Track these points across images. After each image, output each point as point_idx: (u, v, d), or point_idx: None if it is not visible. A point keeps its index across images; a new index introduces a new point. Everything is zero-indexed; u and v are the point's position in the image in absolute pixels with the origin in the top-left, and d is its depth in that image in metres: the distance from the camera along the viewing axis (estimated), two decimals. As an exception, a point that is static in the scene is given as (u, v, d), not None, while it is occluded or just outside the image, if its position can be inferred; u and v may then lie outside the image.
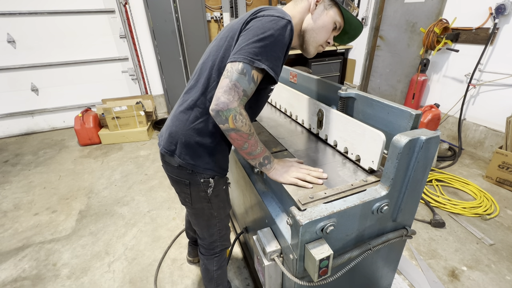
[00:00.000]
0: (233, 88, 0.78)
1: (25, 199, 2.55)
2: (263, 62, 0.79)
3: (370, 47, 4.28)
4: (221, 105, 0.78)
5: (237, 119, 0.80)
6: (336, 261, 0.85)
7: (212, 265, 1.29)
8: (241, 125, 0.81)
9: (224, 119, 0.79)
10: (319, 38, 0.98)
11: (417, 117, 0.91)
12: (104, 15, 3.86)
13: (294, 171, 0.95)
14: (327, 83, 1.33)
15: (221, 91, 0.78)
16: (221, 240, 1.26)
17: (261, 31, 0.79)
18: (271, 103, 1.83)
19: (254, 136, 0.87)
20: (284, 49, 0.84)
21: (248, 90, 0.81)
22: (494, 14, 2.57)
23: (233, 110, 0.79)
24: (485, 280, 1.64)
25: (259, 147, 0.90)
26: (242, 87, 0.79)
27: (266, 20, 0.81)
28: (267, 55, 0.80)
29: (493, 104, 2.84)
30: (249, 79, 0.80)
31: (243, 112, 0.82)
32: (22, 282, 1.75)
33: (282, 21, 0.81)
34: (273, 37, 0.79)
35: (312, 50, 1.01)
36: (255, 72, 0.80)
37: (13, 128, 4.02)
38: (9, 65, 3.69)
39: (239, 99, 0.79)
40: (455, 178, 2.55)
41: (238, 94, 0.79)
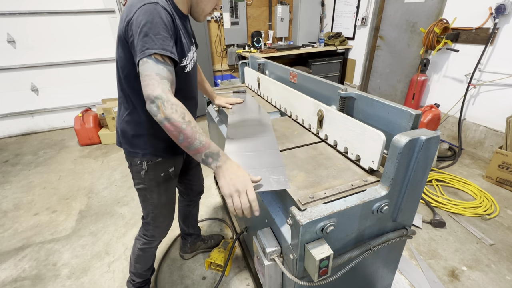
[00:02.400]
0: (147, 78, 0.81)
1: (25, 199, 2.55)
2: (153, 48, 0.82)
3: (370, 47, 4.28)
4: (148, 99, 0.81)
5: (165, 106, 0.79)
6: (336, 261, 0.85)
7: (139, 243, 1.37)
8: (171, 112, 0.80)
9: (156, 110, 0.80)
10: (207, 7, 1.04)
11: (417, 117, 0.91)
12: (104, 15, 3.86)
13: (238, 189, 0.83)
14: (327, 83, 1.33)
15: (144, 89, 0.82)
16: (154, 226, 1.32)
17: (138, 25, 0.83)
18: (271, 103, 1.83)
19: (190, 125, 0.82)
20: (166, 26, 0.85)
21: (161, 72, 0.83)
22: (494, 14, 2.57)
23: (159, 98, 0.79)
24: (485, 280, 1.64)
25: (198, 140, 0.82)
26: (153, 72, 0.81)
27: (137, 15, 0.84)
28: (153, 40, 0.82)
29: (493, 104, 2.84)
30: (154, 63, 0.82)
31: (171, 98, 0.81)
32: (22, 282, 1.75)
33: (149, 7, 0.84)
34: (149, 24, 0.83)
35: (202, 19, 1.08)
36: (157, 56, 0.83)
37: (13, 128, 4.02)
38: (9, 65, 3.69)
39: (159, 84, 0.81)
40: (455, 178, 2.55)
41: (155, 79, 0.81)
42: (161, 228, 1.35)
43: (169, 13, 0.88)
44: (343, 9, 4.56)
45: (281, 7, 4.63)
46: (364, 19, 4.17)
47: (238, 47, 4.65)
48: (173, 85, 0.87)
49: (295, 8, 4.73)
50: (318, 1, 4.75)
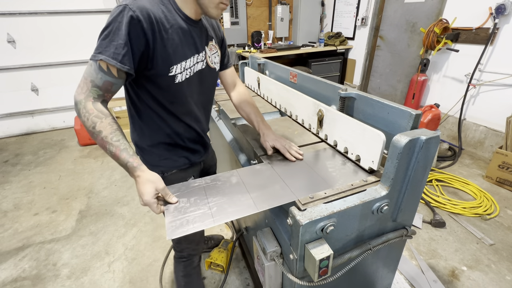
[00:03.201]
0: (82, 81, 0.81)
1: (25, 199, 2.55)
2: (103, 53, 0.78)
3: (370, 47, 4.28)
4: (74, 99, 0.82)
5: (81, 113, 0.80)
6: (336, 261, 0.85)
7: (179, 270, 1.26)
8: (84, 120, 0.80)
9: (77, 112, 0.81)
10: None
11: (417, 117, 0.91)
12: (104, 15, 3.86)
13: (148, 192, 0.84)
14: (327, 83, 1.33)
15: (76, 89, 0.82)
16: (187, 243, 1.20)
17: (103, 27, 0.80)
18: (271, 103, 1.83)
19: (100, 135, 0.81)
20: (125, 34, 0.78)
21: (97, 80, 0.80)
22: (494, 14, 2.57)
23: (79, 103, 0.80)
24: (485, 280, 1.64)
25: (109, 150, 0.82)
26: (90, 77, 0.80)
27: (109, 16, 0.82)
28: (106, 46, 0.79)
29: (493, 104, 2.84)
30: (96, 69, 0.79)
31: (88, 105, 0.80)
32: (22, 282, 1.75)
33: (118, 9, 0.79)
34: (109, 27, 0.79)
35: (214, 12, 0.92)
36: (102, 63, 0.79)
37: (13, 128, 4.02)
38: (9, 65, 3.69)
39: (87, 91, 0.80)
40: (455, 178, 2.55)
41: (87, 85, 0.80)
42: (195, 242, 1.25)
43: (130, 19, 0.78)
44: (343, 9, 4.56)
45: (281, 7, 4.63)
46: (364, 19, 4.17)
47: (238, 47, 4.65)
48: (108, 95, 0.85)
49: (295, 8, 4.73)
50: (318, 1, 4.75)
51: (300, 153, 1.13)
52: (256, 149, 1.22)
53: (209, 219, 0.83)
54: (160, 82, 0.91)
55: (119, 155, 0.83)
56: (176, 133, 1.04)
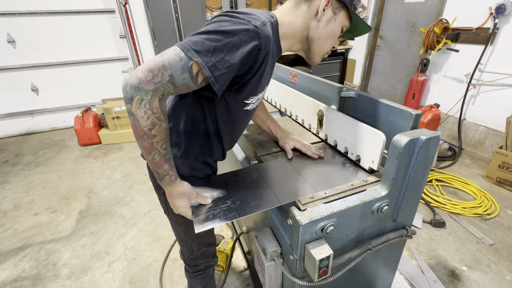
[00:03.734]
0: (159, 66, 0.64)
1: (25, 199, 2.55)
2: (202, 56, 0.64)
3: (370, 47, 4.28)
4: (133, 79, 0.63)
5: (141, 106, 0.64)
6: (336, 261, 0.85)
7: (196, 283, 1.22)
8: (142, 115, 0.65)
9: (129, 98, 0.64)
10: (326, 47, 0.90)
11: (417, 117, 0.91)
12: (104, 15, 3.86)
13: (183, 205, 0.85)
14: (327, 83, 1.33)
15: (144, 66, 0.64)
16: (203, 257, 1.17)
17: (215, 26, 0.68)
18: (271, 103, 1.83)
19: (152, 139, 0.70)
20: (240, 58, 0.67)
21: (178, 79, 0.66)
22: (494, 14, 2.57)
23: (143, 92, 0.63)
24: (485, 280, 1.64)
25: (151, 156, 0.74)
26: (171, 70, 0.64)
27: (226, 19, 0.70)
28: (212, 52, 0.65)
29: (493, 104, 2.84)
30: (184, 67, 0.65)
31: (154, 102, 0.65)
32: (22, 282, 1.75)
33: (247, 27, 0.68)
34: (226, 38, 0.65)
35: (318, 60, 0.93)
36: (194, 64, 0.65)
37: (13, 128, 4.02)
38: (9, 65, 3.69)
39: (159, 83, 0.64)
40: (455, 178, 2.55)
41: (162, 77, 0.64)
42: (211, 256, 1.21)
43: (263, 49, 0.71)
44: (343, 9, 4.56)
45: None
46: (364, 19, 4.17)
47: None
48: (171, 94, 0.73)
49: (295, 8, 4.72)
50: (318, 1, 4.75)
51: (321, 152, 1.15)
52: (256, 149, 1.22)
53: (233, 212, 0.83)
54: (233, 105, 0.86)
55: (162, 165, 0.76)
56: (210, 152, 0.97)
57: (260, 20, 0.72)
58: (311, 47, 0.88)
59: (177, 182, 0.83)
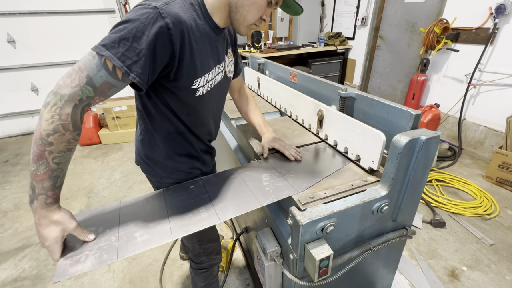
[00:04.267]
0: (76, 70, 0.63)
1: (25, 199, 2.55)
2: (110, 49, 0.64)
3: (370, 47, 4.28)
4: (54, 86, 0.63)
5: (51, 109, 0.61)
6: (336, 261, 0.85)
7: (200, 281, 1.22)
8: (47, 118, 0.62)
9: (47, 102, 0.62)
10: (250, 17, 0.82)
11: (417, 117, 0.91)
12: (104, 15, 3.86)
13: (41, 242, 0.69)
14: (327, 83, 1.33)
15: (64, 73, 0.64)
16: (206, 254, 1.17)
17: (121, 19, 0.67)
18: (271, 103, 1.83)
19: (44, 146, 0.63)
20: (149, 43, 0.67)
21: (95, 78, 0.64)
22: (494, 14, 2.57)
23: (58, 97, 0.61)
24: (485, 280, 1.64)
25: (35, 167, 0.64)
26: (87, 71, 0.64)
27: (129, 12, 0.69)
28: (118, 43, 0.64)
29: (493, 104, 2.84)
30: (98, 64, 0.64)
31: (65, 109, 0.62)
32: (22, 282, 1.75)
33: (147, 10, 0.67)
34: (131, 27, 0.65)
35: (244, 30, 0.86)
36: (106, 59, 0.64)
37: (13, 128, 4.02)
38: (9, 65, 3.69)
39: (77, 87, 0.63)
40: (455, 178, 2.55)
41: (79, 80, 0.63)
42: (214, 253, 1.21)
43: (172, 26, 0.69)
44: (343, 9, 4.56)
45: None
46: (364, 19, 4.16)
47: (238, 47, 4.64)
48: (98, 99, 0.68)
49: (295, 8, 4.73)
50: (318, 1, 4.75)
51: (299, 154, 1.12)
52: (256, 149, 1.22)
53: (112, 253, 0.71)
54: (181, 94, 0.84)
55: (42, 181, 0.65)
56: (190, 144, 0.98)
57: (162, 0, 0.71)
58: (234, 16, 0.83)
59: (53, 207, 0.70)
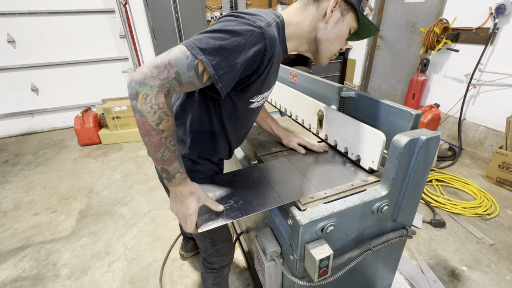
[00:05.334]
0: (165, 63, 0.64)
1: (25, 199, 2.55)
2: (207, 54, 0.65)
3: (370, 47, 4.28)
4: (138, 75, 0.63)
5: (147, 101, 0.64)
6: (336, 261, 0.85)
7: (210, 279, 1.25)
8: (148, 110, 0.64)
9: (134, 93, 0.64)
10: (334, 48, 0.89)
11: (417, 117, 0.91)
12: (104, 15, 3.86)
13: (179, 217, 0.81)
14: (327, 83, 1.33)
15: (150, 62, 0.65)
16: (218, 255, 1.18)
17: (221, 25, 0.68)
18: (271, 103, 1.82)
19: (160, 135, 0.68)
20: (245, 59, 0.68)
21: (184, 77, 0.66)
22: (494, 14, 2.57)
23: (148, 88, 0.63)
24: (485, 280, 1.64)
25: (161, 153, 0.71)
26: (178, 68, 0.65)
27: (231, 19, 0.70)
28: (216, 51, 0.65)
29: (493, 104, 2.84)
30: (190, 65, 0.65)
31: (160, 97, 0.65)
32: (22, 282, 1.75)
33: (252, 28, 0.68)
34: (231, 37, 0.66)
35: (325, 61, 0.92)
36: (200, 62, 0.66)
37: (13, 128, 4.02)
38: (9, 65, 3.69)
39: (166, 79, 0.64)
40: (455, 178, 2.55)
41: (168, 74, 0.64)
42: (226, 254, 1.21)
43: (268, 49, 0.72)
44: (343, 9, 4.56)
45: (281, 7, 4.63)
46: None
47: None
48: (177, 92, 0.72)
49: (295, 8, 4.73)
50: (318, 1, 4.75)
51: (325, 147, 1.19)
52: (256, 149, 1.22)
53: (236, 211, 0.83)
54: (238, 103, 0.86)
55: (172, 162, 0.73)
56: (215, 150, 0.98)
57: (265, 21, 0.73)
58: (319, 48, 0.88)
59: (187, 180, 0.79)
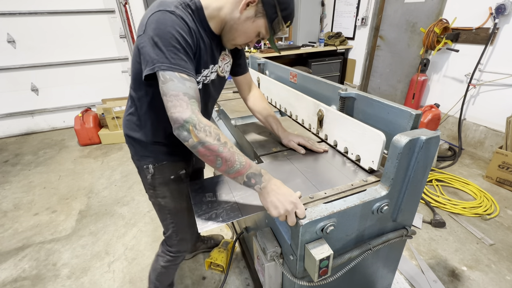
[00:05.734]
0: (173, 99, 0.73)
1: (25, 199, 2.55)
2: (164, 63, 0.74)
3: (370, 47, 4.28)
4: (176, 122, 0.73)
5: (197, 128, 0.72)
6: (336, 261, 0.85)
7: (161, 260, 1.28)
8: (204, 135, 0.72)
9: (187, 135, 0.73)
10: (239, 40, 0.93)
11: (417, 117, 0.91)
12: (104, 15, 3.86)
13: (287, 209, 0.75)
14: (327, 83, 1.33)
15: (170, 110, 0.74)
16: (178, 239, 1.21)
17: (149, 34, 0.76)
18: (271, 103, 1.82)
19: (227, 147, 0.74)
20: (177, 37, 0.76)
21: (190, 91, 0.75)
22: (494, 14, 2.57)
23: (190, 120, 0.72)
24: (485, 280, 1.64)
25: (238, 161, 0.75)
26: (181, 91, 0.74)
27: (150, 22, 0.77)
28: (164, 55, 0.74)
29: (493, 104, 2.84)
30: (179, 80, 0.75)
31: (202, 119, 0.74)
32: (22, 282, 1.75)
33: (163, 14, 0.76)
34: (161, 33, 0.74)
35: (228, 46, 0.97)
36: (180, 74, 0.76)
37: (13, 128, 4.02)
38: (9, 65, 3.69)
39: (188, 106, 0.73)
40: (455, 178, 2.55)
41: (183, 101, 0.73)
42: (185, 241, 1.25)
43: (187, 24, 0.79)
44: (343, 9, 4.56)
45: None
46: (364, 19, 4.16)
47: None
48: (200, 104, 0.79)
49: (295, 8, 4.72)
50: (318, 1, 4.75)
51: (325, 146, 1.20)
52: (256, 149, 1.22)
53: (236, 212, 0.83)
54: None
55: (251, 165, 0.76)
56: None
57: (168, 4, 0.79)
58: (225, 33, 0.92)
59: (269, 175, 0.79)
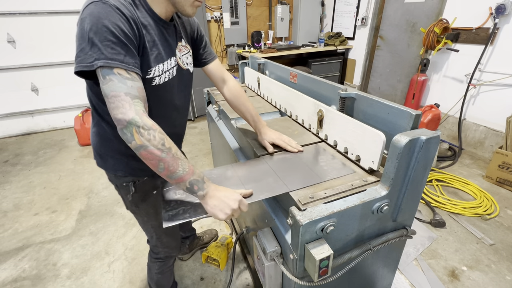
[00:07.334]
0: (115, 99, 0.68)
1: (25, 199, 2.55)
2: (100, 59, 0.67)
3: (370, 47, 4.28)
4: (120, 123, 0.68)
5: (141, 132, 0.68)
6: (336, 261, 0.85)
7: (154, 268, 1.30)
8: (148, 139, 0.69)
9: (130, 136, 0.68)
10: None
11: (417, 117, 0.91)
12: (104, 15, 3.85)
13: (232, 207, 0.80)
14: (327, 83, 1.33)
15: (112, 112, 0.69)
16: (163, 247, 1.22)
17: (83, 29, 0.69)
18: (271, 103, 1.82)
19: (170, 152, 0.72)
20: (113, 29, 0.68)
21: (132, 90, 0.70)
22: (494, 14, 2.57)
23: (133, 122, 0.68)
24: (485, 280, 1.64)
25: (181, 168, 0.73)
26: (122, 91, 0.68)
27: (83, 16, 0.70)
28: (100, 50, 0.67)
29: (493, 104, 2.84)
30: (119, 80, 0.69)
31: (147, 122, 0.69)
32: (22, 282, 1.75)
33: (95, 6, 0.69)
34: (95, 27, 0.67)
35: (190, 10, 0.86)
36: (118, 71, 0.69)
37: (13, 128, 4.02)
38: (9, 65, 3.69)
39: (131, 106, 0.68)
40: (455, 178, 2.55)
41: (125, 101, 0.68)
42: (171, 246, 1.26)
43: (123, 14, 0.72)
44: (343, 9, 4.56)
45: (281, 7, 4.63)
46: (364, 19, 4.16)
47: (238, 47, 4.65)
48: (146, 104, 0.75)
49: (295, 8, 4.73)
50: (318, 1, 4.75)
51: (300, 146, 1.16)
52: (256, 149, 1.22)
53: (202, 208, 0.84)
54: None
55: (194, 172, 0.76)
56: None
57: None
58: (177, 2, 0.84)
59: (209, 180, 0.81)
